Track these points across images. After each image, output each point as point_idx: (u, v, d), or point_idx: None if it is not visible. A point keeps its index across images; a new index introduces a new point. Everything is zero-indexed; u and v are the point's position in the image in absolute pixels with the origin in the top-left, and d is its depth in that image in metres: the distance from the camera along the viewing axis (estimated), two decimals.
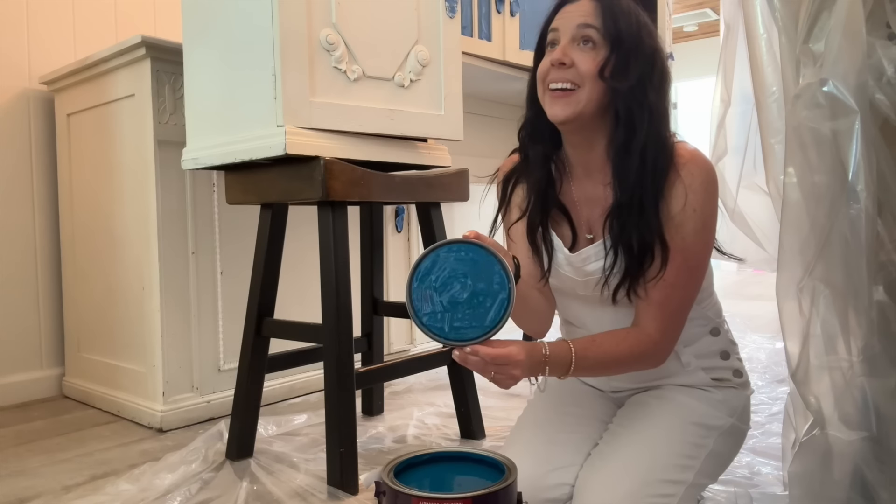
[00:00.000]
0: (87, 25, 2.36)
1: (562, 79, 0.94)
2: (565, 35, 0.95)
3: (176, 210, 1.86)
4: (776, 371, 2.25)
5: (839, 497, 0.92)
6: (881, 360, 0.88)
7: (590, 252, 1.03)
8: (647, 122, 0.94)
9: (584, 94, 0.94)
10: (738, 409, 1.08)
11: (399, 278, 2.52)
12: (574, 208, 1.06)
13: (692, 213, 0.95)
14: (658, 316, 0.97)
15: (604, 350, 0.96)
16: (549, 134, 1.03)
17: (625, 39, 0.93)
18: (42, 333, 2.24)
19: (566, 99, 0.94)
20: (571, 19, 0.95)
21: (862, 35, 0.85)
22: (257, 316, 1.57)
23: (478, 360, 0.86)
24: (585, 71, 0.93)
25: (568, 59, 0.93)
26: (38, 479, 1.49)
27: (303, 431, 1.77)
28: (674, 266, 0.95)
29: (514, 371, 0.88)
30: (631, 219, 0.95)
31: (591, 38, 0.94)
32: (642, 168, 0.94)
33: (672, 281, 0.95)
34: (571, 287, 1.08)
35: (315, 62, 1.36)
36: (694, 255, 0.96)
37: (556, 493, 1.01)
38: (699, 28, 6.83)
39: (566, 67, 0.94)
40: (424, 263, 0.86)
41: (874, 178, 0.85)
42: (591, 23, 0.93)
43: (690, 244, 0.95)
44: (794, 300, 0.96)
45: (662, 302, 0.96)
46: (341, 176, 1.36)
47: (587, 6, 0.95)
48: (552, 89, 0.95)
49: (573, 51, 0.94)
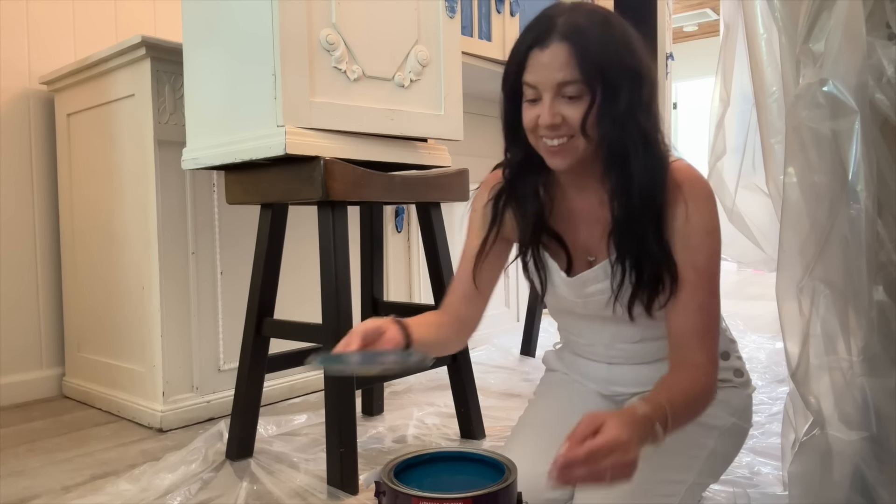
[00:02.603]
0: (87, 25, 2.36)
1: (555, 136, 0.92)
2: (547, 92, 0.91)
3: (176, 210, 1.86)
4: (776, 371, 2.24)
5: (839, 497, 0.92)
6: (881, 360, 0.88)
7: (590, 275, 1.02)
8: (641, 146, 0.92)
9: (580, 142, 0.92)
10: (739, 409, 1.08)
11: (399, 278, 2.52)
12: (570, 230, 1.04)
13: (705, 235, 0.94)
14: (701, 343, 0.94)
15: (682, 389, 0.90)
16: (538, 168, 1.01)
17: (607, 77, 0.89)
18: (42, 333, 2.24)
19: (564, 152, 0.93)
20: (549, 75, 0.90)
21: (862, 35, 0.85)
22: (257, 316, 1.57)
23: (583, 462, 0.73)
24: (577, 123, 0.91)
25: (557, 118, 0.91)
26: (38, 479, 1.49)
27: (303, 431, 1.77)
28: (700, 291, 0.94)
29: (629, 455, 0.76)
30: (633, 238, 0.94)
31: (575, 92, 0.90)
32: (640, 189, 0.92)
33: (700, 304, 0.94)
34: (569, 306, 1.08)
35: (315, 62, 1.36)
36: (713, 275, 0.96)
37: (557, 494, 1.00)
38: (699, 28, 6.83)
39: (557, 126, 0.91)
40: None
41: (874, 178, 0.85)
42: (570, 78, 0.89)
43: (708, 266, 0.95)
44: (794, 300, 0.96)
45: (700, 329, 0.94)
46: (341, 176, 1.36)
47: (561, 53, 0.89)
48: (548, 145, 0.94)
49: (560, 106, 0.91)
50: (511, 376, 2.34)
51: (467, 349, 1.70)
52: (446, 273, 1.69)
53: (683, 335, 0.94)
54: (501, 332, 2.94)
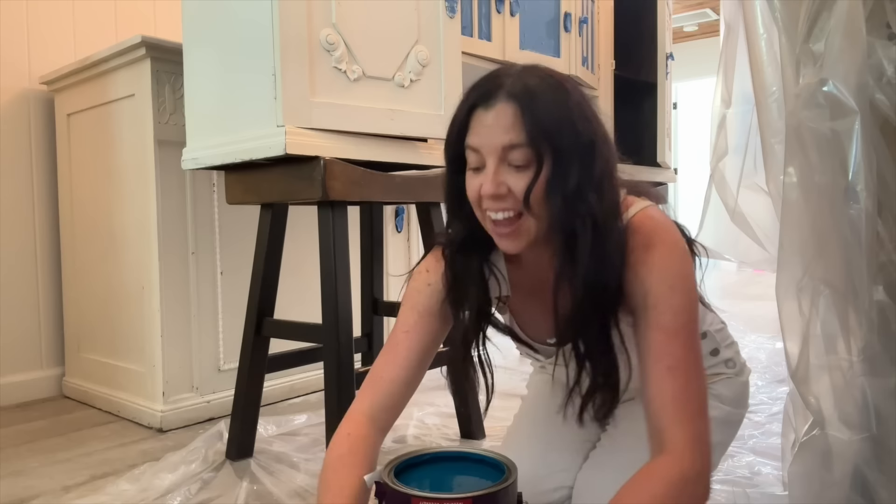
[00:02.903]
0: (87, 25, 2.36)
1: (501, 209, 0.81)
2: (490, 157, 0.80)
3: (176, 210, 1.86)
4: (776, 371, 2.24)
5: (839, 497, 0.92)
6: (881, 360, 0.88)
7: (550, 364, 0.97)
8: (589, 232, 0.80)
9: (530, 221, 0.81)
10: (733, 398, 1.06)
11: (399, 278, 2.51)
12: (526, 312, 0.98)
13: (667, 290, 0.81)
14: (677, 415, 0.78)
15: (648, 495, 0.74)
16: (484, 246, 0.90)
17: (557, 146, 0.79)
18: (42, 333, 2.24)
19: (515, 233, 0.82)
20: (493, 138, 0.80)
21: (862, 35, 0.85)
22: (257, 316, 1.57)
23: None
24: (523, 196, 0.80)
25: (503, 188, 0.80)
26: (38, 479, 1.49)
27: (303, 431, 1.77)
28: (668, 351, 0.80)
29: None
30: (577, 332, 0.84)
31: (522, 159, 0.79)
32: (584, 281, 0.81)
33: (669, 365, 0.80)
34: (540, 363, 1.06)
35: (315, 62, 1.36)
36: (685, 333, 0.82)
37: (555, 497, 1.00)
38: (699, 28, 6.83)
39: (503, 197, 0.80)
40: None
41: (874, 178, 0.85)
42: (516, 142, 0.79)
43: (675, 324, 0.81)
44: (794, 300, 0.96)
45: (673, 396, 0.78)
46: (341, 176, 1.36)
47: (507, 113, 0.79)
48: (494, 220, 0.82)
49: (504, 175, 0.80)
50: (511, 376, 2.34)
51: None
52: None
53: (657, 408, 0.79)
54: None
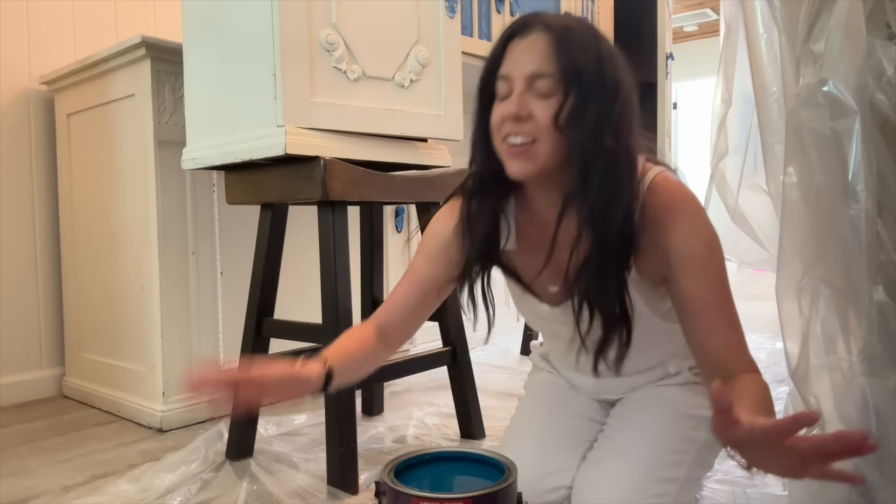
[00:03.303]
0: (87, 25, 2.36)
1: (519, 132, 0.84)
2: (518, 83, 0.85)
3: (176, 210, 1.86)
4: (776, 371, 2.24)
5: (839, 497, 0.92)
6: (881, 360, 0.88)
7: (555, 313, 0.99)
8: (601, 170, 0.83)
9: (543, 148, 0.84)
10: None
11: (399, 278, 2.51)
12: (532, 258, 0.97)
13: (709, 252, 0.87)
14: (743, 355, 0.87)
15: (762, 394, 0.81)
16: (502, 186, 0.94)
17: (583, 79, 0.82)
18: (42, 333, 2.24)
19: (525, 155, 0.85)
20: (524, 64, 0.84)
21: (862, 35, 0.85)
22: (257, 316, 1.57)
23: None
24: (544, 122, 0.83)
25: (525, 110, 0.84)
26: (37, 479, 1.49)
27: (303, 431, 1.77)
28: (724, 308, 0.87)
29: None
30: (590, 274, 0.86)
31: (549, 87, 0.84)
32: (594, 215, 0.84)
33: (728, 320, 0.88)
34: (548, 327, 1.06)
35: (315, 62, 1.36)
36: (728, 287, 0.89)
37: (554, 497, 1.00)
38: (699, 28, 6.83)
39: (523, 120, 0.84)
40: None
41: (874, 178, 0.85)
42: (544, 71, 0.83)
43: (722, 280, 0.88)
44: (794, 300, 0.96)
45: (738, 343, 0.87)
46: (341, 176, 1.36)
47: (540, 43, 0.84)
48: (510, 144, 0.86)
49: (529, 100, 0.84)
50: (511, 376, 2.34)
51: (467, 349, 1.69)
52: None
53: (721, 356, 0.86)
54: (501, 332, 2.94)
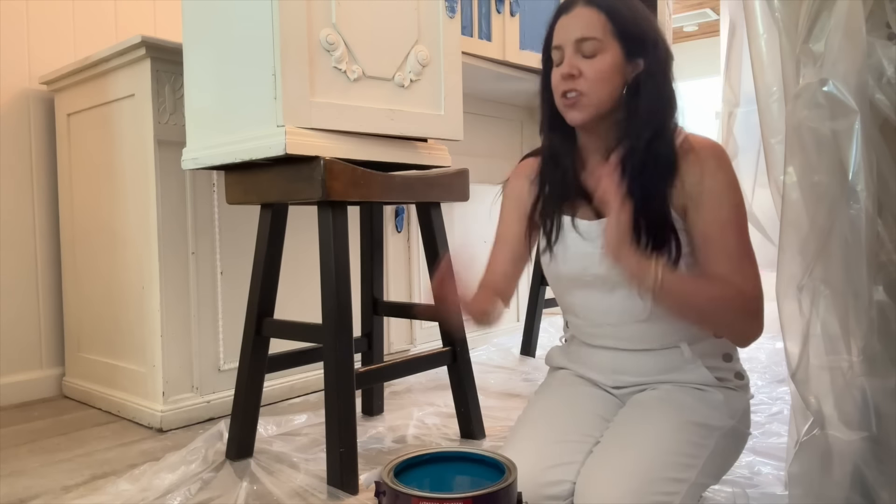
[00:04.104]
0: (87, 25, 2.36)
1: (572, 88, 1.04)
2: (568, 49, 1.05)
3: (176, 210, 1.86)
4: (776, 371, 2.25)
5: (839, 497, 0.92)
6: (881, 360, 0.88)
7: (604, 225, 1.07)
8: (655, 111, 1.03)
9: (594, 97, 1.04)
10: (738, 412, 1.09)
11: (399, 278, 2.51)
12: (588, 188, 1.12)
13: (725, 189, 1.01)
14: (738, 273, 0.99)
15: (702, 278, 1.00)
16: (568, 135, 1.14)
17: (626, 38, 1.03)
18: (42, 333, 2.24)
19: (578, 104, 1.05)
20: (570, 32, 1.04)
21: (862, 35, 0.85)
22: (257, 316, 1.57)
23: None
24: (593, 77, 1.03)
25: (575, 69, 1.04)
26: (38, 479, 1.49)
27: (303, 431, 1.77)
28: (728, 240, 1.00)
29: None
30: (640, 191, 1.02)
31: (593, 48, 1.03)
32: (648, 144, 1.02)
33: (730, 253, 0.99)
34: (584, 267, 1.10)
35: (315, 62, 1.36)
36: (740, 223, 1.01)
37: (557, 490, 1.00)
38: (699, 28, 6.83)
39: (575, 78, 1.04)
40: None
41: (874, 178, 0.85)
42: (588, 35, 1.03)
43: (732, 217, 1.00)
44: (794, 300, 0.96)
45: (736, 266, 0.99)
46: (341, 176, 1.36)
47: (584, 14, 1.04)
48: (566, 98, 1.05)
49: (578, 61, 1.04)
50: (511, 376, 2.34)
51: (467, 349, 1.69)
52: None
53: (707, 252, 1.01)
54: (501, 332, 2.94)
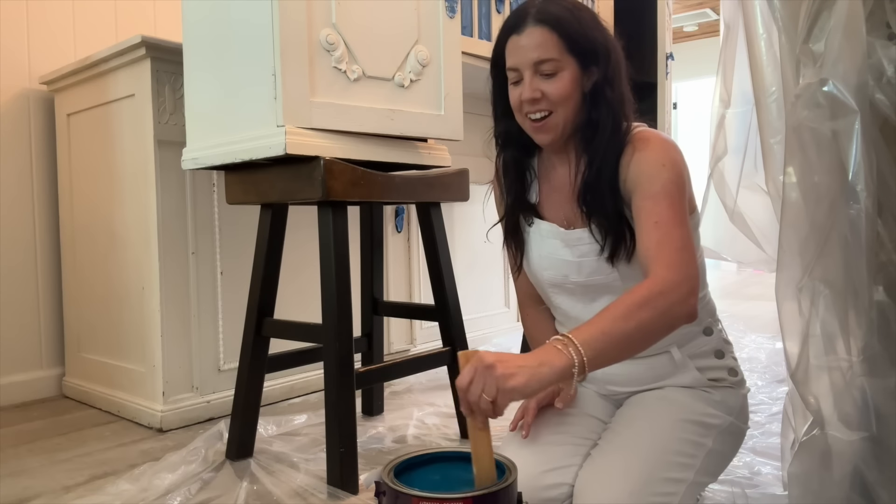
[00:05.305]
0: (87, 25, 2.36)
1: (537, 110, 1.03)
2: (526, 71, 1.02)
3: (176, 210, 1.86)
4: (776, 371, 2.24)
5: (839, 497, 0.92)
6: (881, 360, 0.88)
7: (582, 234, 1.07)
8: (609, 119, 1.02)
9: (560, 116, 1.03)
10: (735, 408, 1.09)
11: (399, 278, 2.51)
12: (554, 204, 1.12)
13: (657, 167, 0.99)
14: (658, 254, 0.95)
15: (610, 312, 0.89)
16: (523, 147, 1.13)
17: (579, 53, 1.01)
18: (42, 333, 2.24)
19: (545, 126, 1.04)
20: (526, 56, 1.02)
21: (862, 35, 0.85)
22: (257, 316, 1.57)
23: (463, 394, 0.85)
24: (556, 97, 1.02)
25: (538, 92, 1.02)
26: (37, 479, 1.49)
27: (303, 431, 1.77)
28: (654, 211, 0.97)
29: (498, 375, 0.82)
30: (595, 200, 1.03)
31: (552, 68, 1.01)
32: (602, 156, 1.02)
33: (655, 221, 0.97)
34: (565, 274, 1.10)
35: (315, 62, 1.36)
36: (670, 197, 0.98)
37: (554, 493, 1.00)
38: (699, 28, 6.83)
39: (538, 101, 1.02)
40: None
41: (874, 178, 0.85)
42: (545, 56, 1.00)
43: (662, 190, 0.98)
44: (794, 300, 0.96)
45: (657, 241, 0.96)
46: (341, 176, 1.36)
47: (537, 34, 1.01)
48: (531, 119, 1.04)
49: (539, 83, 1.02)
50: None
51: (467, 349, 1.69)
52: (446, 273, 1.68)
53: (644, 257, 0.97)
54: (501, 332, 2.94)
